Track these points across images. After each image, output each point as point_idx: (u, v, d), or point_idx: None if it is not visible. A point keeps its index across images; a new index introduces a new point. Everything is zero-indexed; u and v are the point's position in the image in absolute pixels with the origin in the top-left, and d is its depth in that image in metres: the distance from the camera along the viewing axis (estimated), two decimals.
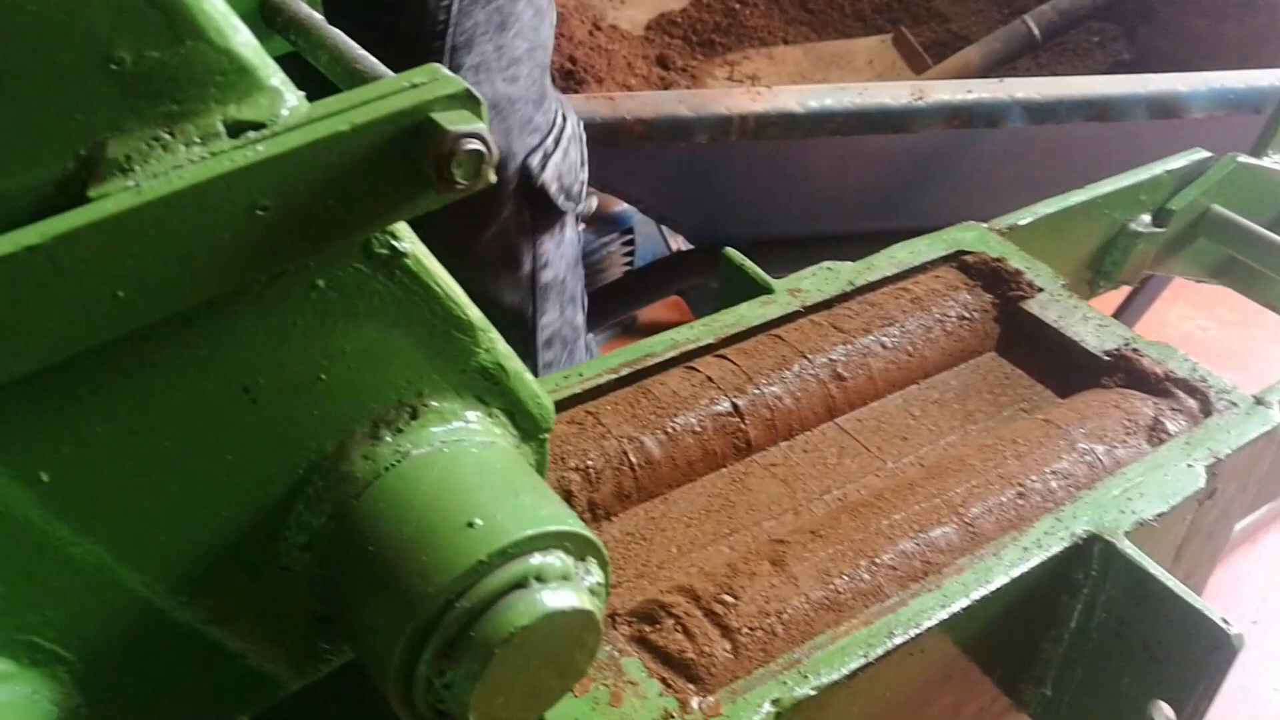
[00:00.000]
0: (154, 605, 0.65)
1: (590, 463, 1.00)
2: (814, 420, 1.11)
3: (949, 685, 0.97)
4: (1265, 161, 1.51)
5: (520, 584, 0.64)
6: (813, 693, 0.84)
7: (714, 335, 1.15)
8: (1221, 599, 2.76)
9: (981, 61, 2.62)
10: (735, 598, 0.89)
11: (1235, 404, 1.11)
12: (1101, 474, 1.04)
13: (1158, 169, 1.42)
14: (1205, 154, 1.46)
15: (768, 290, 1.21)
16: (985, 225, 1.31)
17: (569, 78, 2.60)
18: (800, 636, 0.88)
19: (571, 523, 0.67)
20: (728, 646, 0.86)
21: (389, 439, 0.68)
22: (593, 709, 0.82)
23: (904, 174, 2.07)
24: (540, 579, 0.64)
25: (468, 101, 0.59)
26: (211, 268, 0.56)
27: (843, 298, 1.21)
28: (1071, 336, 1.17)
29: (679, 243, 2.85)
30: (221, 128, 0.57)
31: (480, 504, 0.65)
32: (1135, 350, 1.15)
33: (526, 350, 1.78)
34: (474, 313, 0.69)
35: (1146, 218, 1.44)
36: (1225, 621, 0.91)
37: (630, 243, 3.01)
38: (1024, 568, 0.94)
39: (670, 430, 1.04)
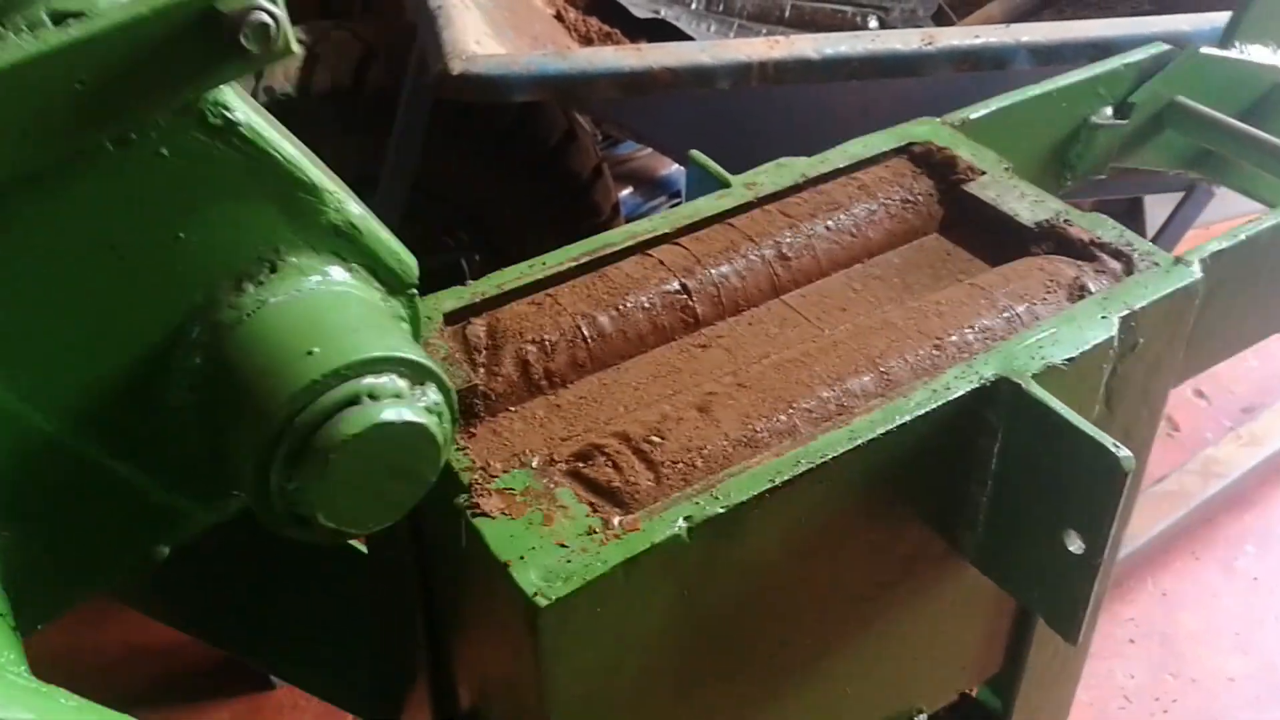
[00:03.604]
0: (59, 439, 0.77)
1: (546, 336, 1.12)
2: (760, 297, 1.21)
3: (869, 521, 1.06)
4: (1231, 53, 1.55)
5: (354, 401, 0.75)
6: (722, 510, 0.94)
7: (671, 226, 1.25)
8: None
9: (1003, 16, 2.66)
10: (662, 438, 1.00)
11: (1157, 263, 1.17)
12: (1020, 329, 1.11)
13: (1115, 63, 1.48)
14: (1166, 47, 1.51)
15: (726, 185, 1.31)
16: (939, 120, 1.39)
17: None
18: (718, 468, 0.99)
19: (407, 350, 0.78)
20: (651, 477, 0.97)
21: (251, 290, 0.79)
22: (526, 529, 0.93)
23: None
24: (373, 396, 0.76)
25: None
26: (47, 133, 0.68)
27: (795, 189, 1.30)
28: (1005, 211, 1.24)
29: None
30: (46, 18, 0.69)
31: (320, 336, 0.76)
32: (1066, 221, 1.22)
33: None
34: (318, 175, 0.80)
35: (1108, 110, 1.50)
36: (1116, 445, 0.99)
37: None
38: (930, 407, 1.02)
39: (621, 307, 1.15)
